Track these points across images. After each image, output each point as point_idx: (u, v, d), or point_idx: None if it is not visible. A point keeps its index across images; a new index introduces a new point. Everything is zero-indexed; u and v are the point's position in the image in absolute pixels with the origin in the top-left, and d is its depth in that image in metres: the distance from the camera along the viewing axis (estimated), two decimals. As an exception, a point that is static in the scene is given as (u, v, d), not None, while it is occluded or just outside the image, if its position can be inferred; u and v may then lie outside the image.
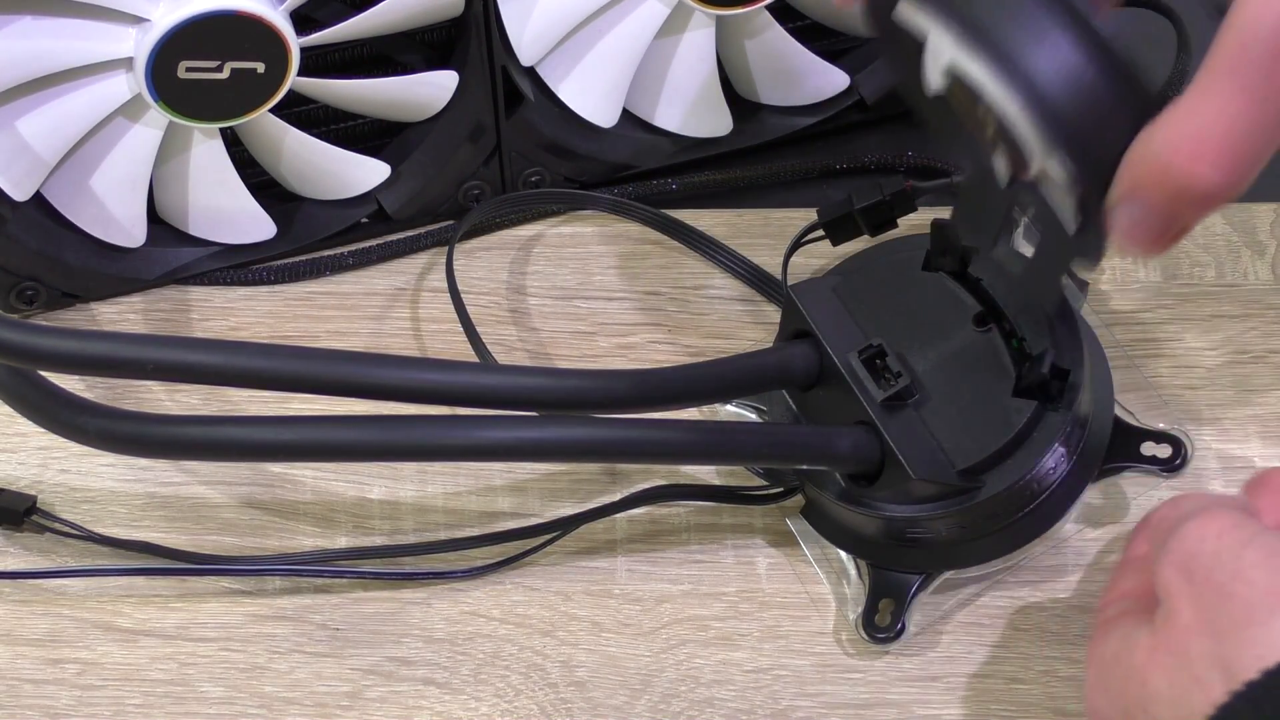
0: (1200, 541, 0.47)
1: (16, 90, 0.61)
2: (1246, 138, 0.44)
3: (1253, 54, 0.43)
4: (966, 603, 0.61)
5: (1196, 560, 0.47)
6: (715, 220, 0.71)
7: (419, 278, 0.70)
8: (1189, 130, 0.44)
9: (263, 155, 0.68)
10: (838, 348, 0.59)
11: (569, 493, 0.64)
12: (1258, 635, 0.44)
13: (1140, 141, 0.45)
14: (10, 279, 0.67)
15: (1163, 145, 0.44)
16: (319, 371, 0.53)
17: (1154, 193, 0.45)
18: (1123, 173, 0.46)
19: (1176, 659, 0.46)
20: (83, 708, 0.59)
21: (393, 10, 0.63)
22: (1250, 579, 0.45)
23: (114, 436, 0.54)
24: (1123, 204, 0.46)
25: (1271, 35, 0.43)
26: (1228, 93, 0.43)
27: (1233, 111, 0.43)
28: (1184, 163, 0.44)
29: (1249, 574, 0.45)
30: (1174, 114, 0.45)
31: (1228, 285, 0.68)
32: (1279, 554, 0.46)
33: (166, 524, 0.63)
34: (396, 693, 0.59)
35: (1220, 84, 0.43)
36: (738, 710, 0.58)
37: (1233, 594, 0.45)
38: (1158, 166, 0.45)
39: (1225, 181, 0.44)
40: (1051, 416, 0.57)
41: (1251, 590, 0.45)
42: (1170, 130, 0.44)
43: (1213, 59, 0.44)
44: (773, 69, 0.71)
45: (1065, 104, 0.46)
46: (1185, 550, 0.47)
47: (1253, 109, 0.43)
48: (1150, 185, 0.45)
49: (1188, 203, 0.45)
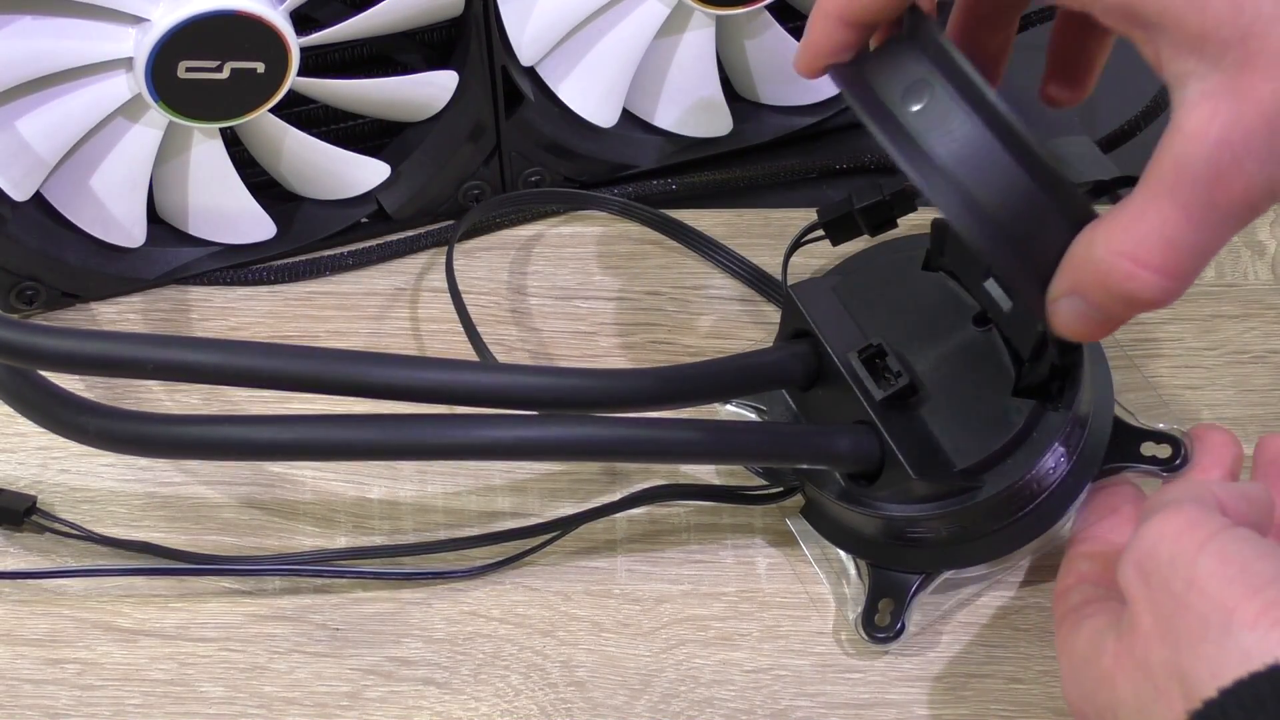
0: (1158, 541, 0.48)
1: (16, 90, 0.61)
2: (1186, 251, 0.46)
3: (1193, 175, 0.45)
4: (966, 602, 0.61)
5: (1153, 562, 0.47)
6: (715, 220, 0.71)
7: (418, 278, 0.70)
8: (1132, 241, 0.46)
9: (263, 155, 0.68)
10: (838, 347, 0.59)
11: (569, 492, 0.64)
12: (1211, 653, 0.45)
13: (1083, 244, 0.48)
14: (10, 279, 0.67)
15: (1105, 252, 0.47)
16: (319, 371, 0.53)
17: (1097, 294, 0.48)
18: (1065, 272, 0.49)
19: (1139, 668, 0.47)
20: (83, 708, 0.59)
21: (393, 10, 0.63)
22: (1204, 589, 0.46)
23: (114, 436, 0.54)
24: (1065, 299, 0.49)
25: (1208, 158, 0.45)
26: (1170, 208, 0.46)
27: (1174, 225, 0.46)
28: (1127, 271, 0.47)
29: (1203, 583, 0.46)
30: (1117, 223, 0.47)
31: (1228, 285, 0.68)
32: (1232, 559, 0.46)
33: (167, 524, 0.63)
34: (396, 693, 0.59)
35: (1162, 200, 0.46)
36: (738, 710, 0.58)
37: (1188, 605, 0.46)
38: (1101, 272, 0.47)
39: (1165, 289, 0.47)
40: (1051, 416, 0.57)
41: (1205, 603, 0.45)
42: (1113, 239, 0.47)
43: (1153, 175, 0.46)
44: (773, 69, 0.72)
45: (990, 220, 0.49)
46: (1143, 549, 0.48)
47: (1192, 225, 0.46)
48: (1092, 288, 0.48)
49: (1128, 306, 0.48)
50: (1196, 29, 0.44)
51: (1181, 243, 0.46)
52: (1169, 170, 0.46)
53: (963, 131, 0.49)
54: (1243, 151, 0.45)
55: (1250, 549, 0.46)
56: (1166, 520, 0.48)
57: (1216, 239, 0.46)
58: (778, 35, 0.70)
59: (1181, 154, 0.45)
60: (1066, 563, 0.57)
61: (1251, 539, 0.47)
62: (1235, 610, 0.45)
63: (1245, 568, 0.46)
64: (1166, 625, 0.46)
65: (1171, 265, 0.46)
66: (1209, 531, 0.47)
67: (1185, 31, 0.45)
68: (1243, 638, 0.44)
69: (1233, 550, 0.46)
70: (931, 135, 0.49)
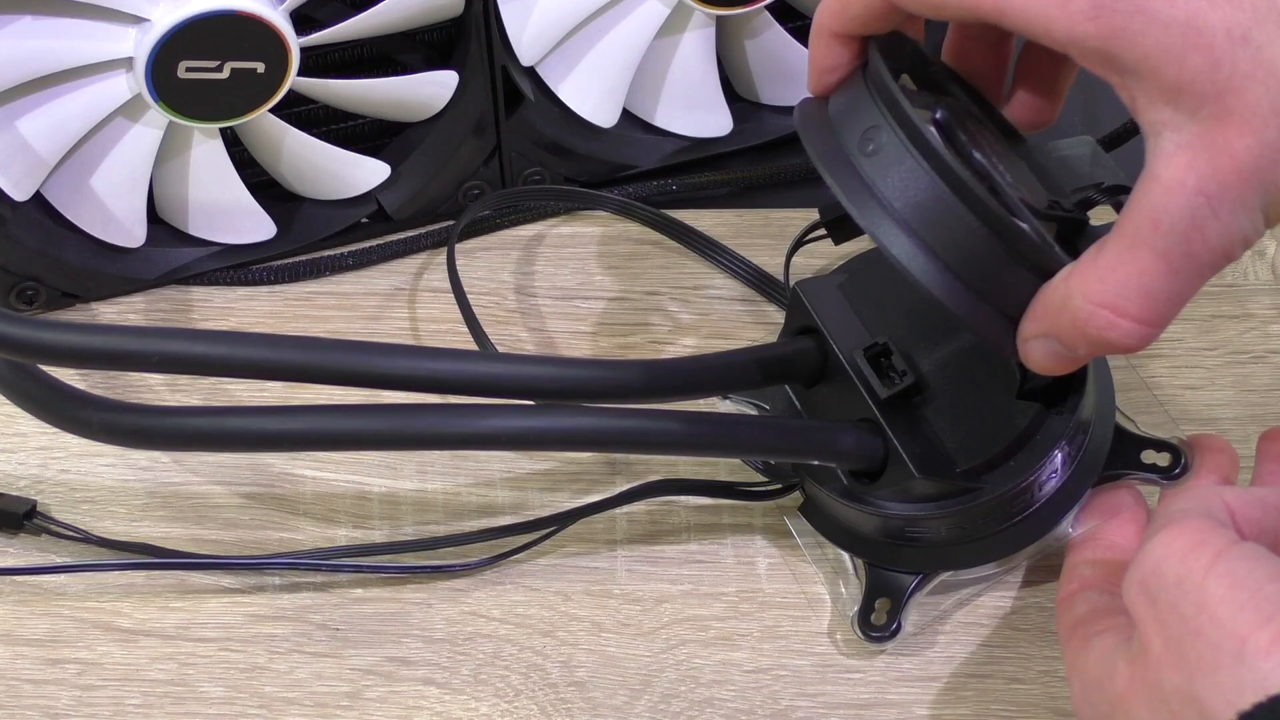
0: (1164, 559, 0.47)
1: (16, 90, 0.61)
2: (1164, 300, 0.47)
3: (1169, 224, 0.46)
4: (966, 603, 0.61)
5: (1159, 582, 0.47)
6: (715, 220, 0.71)
7: (418, 278, 0.70)
8: (1109, 287, 0.47)
9: (263, 155, 0.68)
10: (843, 345, 0.59)
11: (568, 488, 0.64)
12: (1225, 680, 0.44)
13: (1058, 294, 0.49)
14: (10, 279, 0.67)
15: (1083, 303, 0.48)
16: (322, 361, 0.53)
17: (1073, 340, 0.49)
18: (1039, 318, 0.50)
19: (1153, 692, 0.46)
20: (83, 708, 0.59)
21: (393, 10, 0.63)
22: (1215, 615, 0.45)
23: (117, 429, 0.54)
24: (1038, 340, 0.50)
25: (1185, 208, 0.46)
26: (1146, 258, 0.46)
27: (1151, 274, 0.47)
28: (1106, 321, 0.47)
29: (1213, 609, 0.45)
30: (1093, 272, 0.48)
31: (1228, 285, 0.68)
32: (1243, 582, 0.45)
33: (167, 523, 0.63)
34: (396, 693, 0.59)
35: (1139, 249, 0.47)
36: (738, 710, 0.58)
37: (1198, 630, 0.45)
38: (1080, 321, 0.48)
39: (1143, 335, 0.48)
40: (1054, 420, 0.57)
41: (1216, 629, 0.45)
42: (1090, 290, 0.48)
43: (1129, 224, 0.47)
44: (773, 69, 0.72)
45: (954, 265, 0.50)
46: (1149, 568, 0.47)
47: (1169, 274, 0.47)
48: (1069, 334, 0.49)
49: (1103, 350, 0.49)
50: (1174, 81, 0.45)
51: (1159, 292, 0.47)
52: (1145, 220, 0.46)
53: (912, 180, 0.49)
54: (1218, 203, 0.45)
55: (1261, 570, 0.46)
56: (1172, 537, 0.47)
57: (1192, 287, 0.47)
58: (778, 35, 0.70)
59: (1159, 204, 0.46)
60: (1069, 568, 0.57)
61: (1261, 556, 0.46)
62: (1248, 639, 0.44)
63: (1256, 592, 0.45)
64: (1178, 650, 0.46)
65: (1149, 314, 0.47)
66: (1216, 550, 0.46)
67: (1163, 82, 0.45)
68: (1257, 666, 0.44)
69: (1242, 572, 0.46)
70: (883, 182, 0.49)
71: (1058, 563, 0.61)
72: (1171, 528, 0.48)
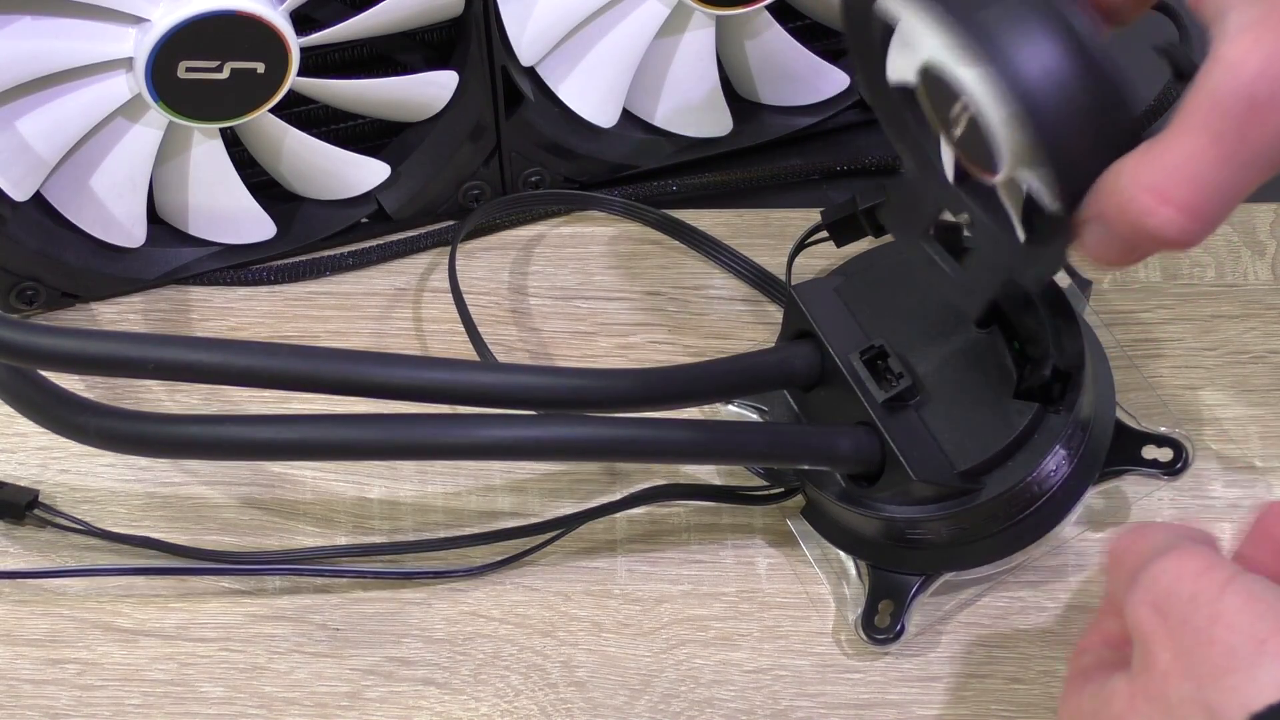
0: (1177, 581, 0.46)
1: (16, 90, 0.61)
2: (1212, 189, 0.45)
3: (1226, 106, 0.44)
4: (966, 603, 0.61)
5: (1172, 601, 0.46)
6: (715, 221, 0.71)
7: (419, 278, 0.70)
8: (1157, 171, 0.45)
9: (263, 155, 0.68)
10: (840, 348, 0.59)
11: (569, 492, 0.64)
12: (1240, 682, 0.43)
13: (1112, 172, 0.46)
14: (10, 279, 0.67)
15: (1130, 181, 0.46)
16: (320, 370, 0.53)
17: (1119, 225, 0.46)
18: (1096, 195, 0.47)
19: (1157, 705, 0.45)
20: (83, 708, 0.59)
21: (393, 10, 0.63)
22: (1231, 623, 0.44)
23: (115, 436, 0.54)
24: (1091, 223, 0.48)
25: (1246, 88, 0.44)
26: (1199, 141, 0.44)
27: (1201, 160, 0.44)
28: (1148, 206, 0.45)
29: (1230, 618, 0.44)
30: (1146, 153, 0.45)
31: (1228, 285, 0.68)
32: (1259, 597, 0.45)
33: (167, 524, 0.63)
34: (396, 693, 0.59)
35: (1192, 132, 0.44)
36: (738, 710, 0.58)
37: (1213, 639, 0.44)
38: (1123, 203, 0.46)
39: (1185, 229, 0.45)
40: (1053, 419, 0.57)
41: (1232, 634, 0.44)
42: (1140, 168, 0.45)
43: (1187, 106, 0.45)
44: (773, 69, 0.71)
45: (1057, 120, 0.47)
46: (1160, 589, 0.46)
47: (1221, 160, 0.44)
48: (1115, 219, 0.46)
49: (1149, 241, 0.46)
50: None
51: (1207, 180, 0.44)
52: (1203, 100, 0.44)
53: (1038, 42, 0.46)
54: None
55: (1273, 590, 0.45)
56: (1183, 561, 0.46)
57: (1244, 180, 0.45)
58: (778, 35, 0.70)
59: (1217, 84, 0.44)
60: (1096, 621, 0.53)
61: (1271, 584, 0.45)
62: (1267, 641, 0.43)
63: (1274, 605, 0.44)
64: (1188, 660, 0.45)
65: (1194, 204, 0.45)
66: (1229, 574, 0.45)
67: None
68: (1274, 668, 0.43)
69: (1258, 590, 0.45)
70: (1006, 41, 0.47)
71: (1060, 563, 0.61)
72: (1179, 552, 0.47)
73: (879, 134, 0.73)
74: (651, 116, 0.72)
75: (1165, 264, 0.68)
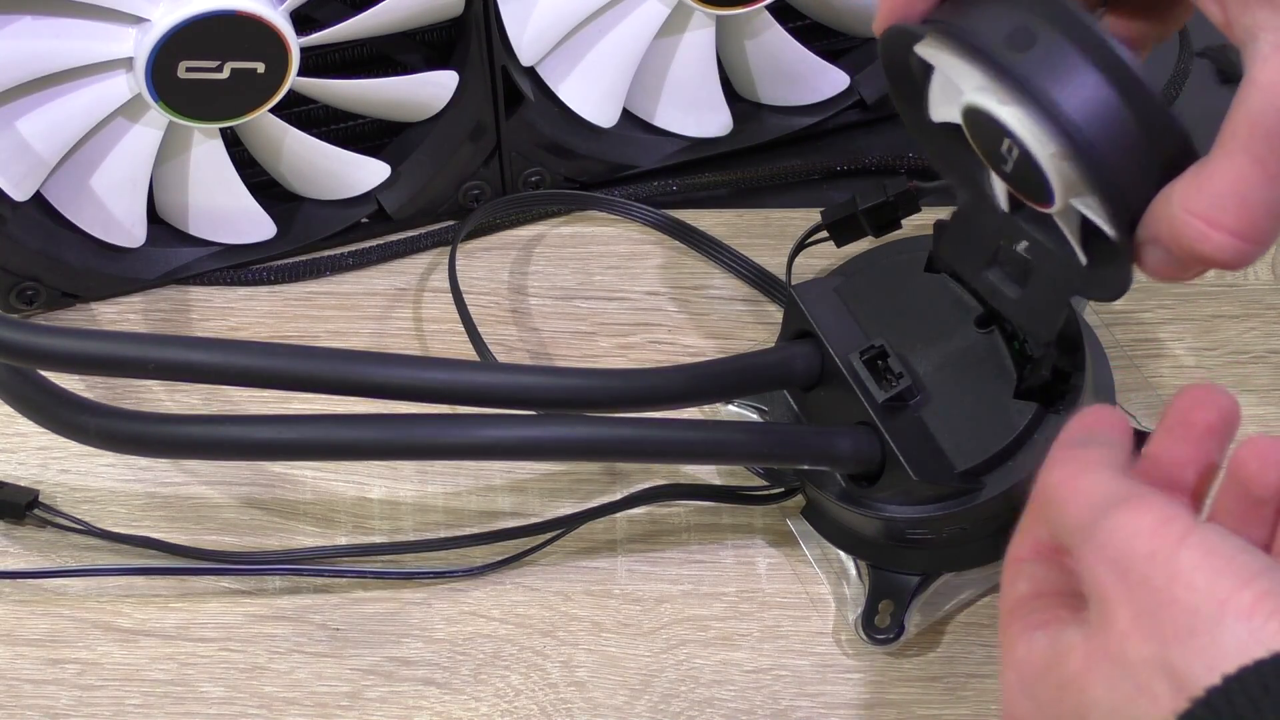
0: (1134, 537, 0.45)
1: (16, 90, 0.61)
2: (1262, 211, 0.45)
3: (1266, 128, 0.44)
4: (966, 603, 0.61)
5: (1130, 559, 0.44)
6: (715, 220, 0.71)
7: (419, 278, 0.70)
8: (1205, 198, 0.45)
9: (263, 155, 0.68)
10: (840, 348, 0.59)
11: (569, 492, 0.64)
12: (1206, 644, 0.43)
13: (1162, 198, 0.47)
14: (10, 279, 0.67)
15: (1180, 209, 0.46)
16: (319, 370, 0.53)
17: (1174, 249, 0.47)
18: (1149, 220, 0.48)
19: (1116, 666, 0.44)
20: (83, 708, 0.59)
21: (393, 10, 0.63)
22: (1190, 582, 0.43)
23: (115, 436, 0.54)
24: (1149, 245, 0.48)
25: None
26: (1242, 165, 0.45)
27: (1247, 183, 0.45)
28: (1200, 232, 0.46)
29: (1188, 576, 0.43)
30: (1193, 179, 0.46)
31: (1228, 285, 0.68)
32: (1216, 551, 0.44)
33: (167, 524, 0.63)
34: (396, 693, 0.59)
35: (1234, 156, 0.45)
36: (738, 710, 0.58)
37: (1174, 599, 0.43)
38: (1176, 230, 0.46)
39: (1239, 251, 0.46)
40: (1052, 419, 0.57)
41: (1193, 595, 0.43)
42: (1188, 195, 0.46)
43: (1227, 130, 0.45)
44: (773, 69, 0.72)
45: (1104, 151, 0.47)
46: (1117, 547, 0.45)
47: (1266, 181, 0.45)
48: (1169, 241, 0.47)
49: (1204, 263, 0.47)
50: None
51: (1255, 202, 0.45)
52: (1242, 125, 0.45)
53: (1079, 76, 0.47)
54: None
55: (1232, 543, 0.44)
56: (1137, 514, 0.45)
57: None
58: (778, 35, 0.70)
59: (1255, 108, 0.44)
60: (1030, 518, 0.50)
61: (1228, 534, 0.45)
62: (1228, 601, 0.43)
63: (1231, 559, 0.43)
64: (1149, 620, 0.44)
65: (1245, 227, 0.45)
66: (1185, 527, 0.44)
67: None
68: (1238, 628, 0.42)
69: (1215, 543, 0.44)
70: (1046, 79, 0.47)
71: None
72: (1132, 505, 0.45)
73: (879, 134, 0.74)
74: (651, 116, 0.72)
75: (1165, 264, 0.68)
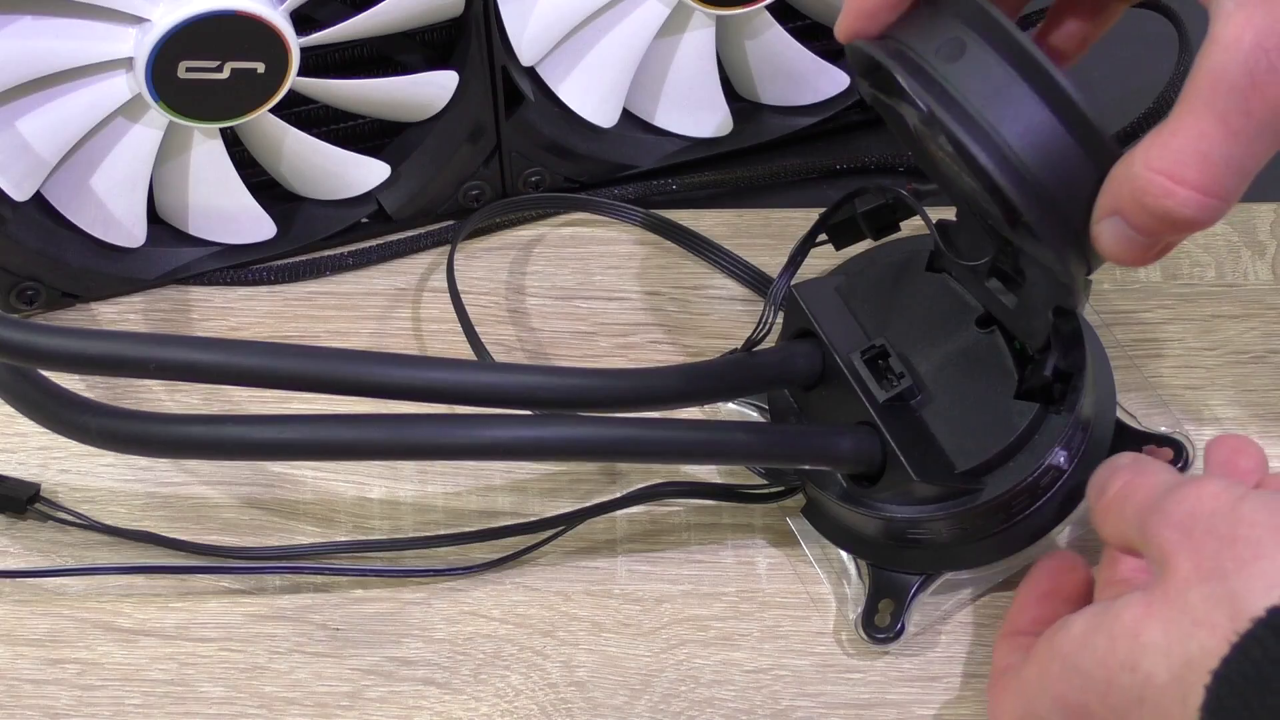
0: (1197, 503, 0.48)
1: (16, 90, 0.61)
2: (1223, 165, 0.46)
3: (1227, 83, 0.45)
4: (967, 603, 0.61)
5: (1194, 519, 0.48)
6: (715, 221, 0.71)
7: (419, 278, 0.70)
8: (1168, 154, 0.46)
9: (263, 155, 0.68)
10: (840, 347, 0.59)
11: (568, 492, 0.64)
12: (1267, 568, 0.45)
13: (1123, 164, 0.48)
14: (10, 279, 0.67)
15: (1142, 169, 0.47)
16: (320, 370, 0.53)
17: (1136, 214, 0.48)
18: (1106, 193, 0.48)
19: (1175, 609, 0.46)
20: (83, 708, 0.59)
21: (393, 10, 0.63)
22: (1252, 520, 0.46)
23: (116, 435, 0.54)
24: (1105, 221, 0.49)
25: (1243, 64, 0.45)
26: (1205, 121, 0.46)
27: (1210, 138, 0.46)
28: (1164, 188, 0.46)
29: (1251, 517, 0.46)
30: (1155, 140, 0.47)
31: (1228, 285, 0.68)
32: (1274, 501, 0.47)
33: (167, 524, 0.63)
34: (396, 693, 0.59)
35: (1196, 113, 0.46)
36: (738, 710, 0.58)
37: (1235, 538, 0.46)
38: (1138, 189, 0.47)
39: (1203, 206, 0.46)
40: (1053, 419, 0.57)
41: (1254, 530, 0.46)
42: (1151, 154, 0.47)
43: (1189, 89, 0.46)
44: (773, 69, 0.72)
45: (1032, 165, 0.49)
46: (1184, 510, 0.48)
47: (1228, 136, 0.46)
48: (1131, 207, 0.48)
49: (1168, 226, 0.48)
50: None
51: (1217, 156, 0.46)
52: (1204, 81, 0.46)
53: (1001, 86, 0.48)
54: (1278, 57, 0.45)
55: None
56: (1201, 486, 0.49)
57: (1254, 153, 0.46)
58: (778, 35, 0.70)
59: (1216, 64, 0.45)
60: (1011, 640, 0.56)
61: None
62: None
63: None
64: (1211, 563, 0.46)
65: (1208, 181, 0.46)
66: (1244, 490, 0.48)
67: None
68: None
69: (1271, 499, 0.47)
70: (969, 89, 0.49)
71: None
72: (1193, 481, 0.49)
73: (879, 134, 0.74)
74: (651, 116, 0.72)
75: (1165, 264, 0.68)
